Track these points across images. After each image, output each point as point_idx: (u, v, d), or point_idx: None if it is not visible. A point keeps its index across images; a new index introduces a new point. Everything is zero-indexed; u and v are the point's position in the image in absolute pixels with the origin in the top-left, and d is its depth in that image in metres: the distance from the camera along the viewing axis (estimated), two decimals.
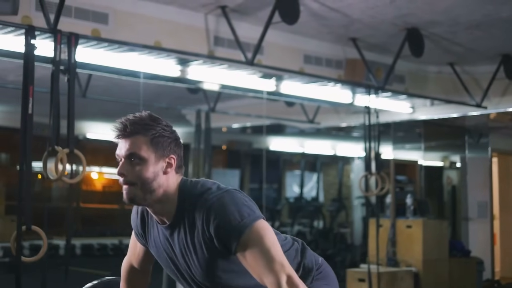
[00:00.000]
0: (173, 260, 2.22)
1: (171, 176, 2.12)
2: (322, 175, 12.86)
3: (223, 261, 2.10)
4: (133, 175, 2.06)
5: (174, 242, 2.16)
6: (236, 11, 5.63)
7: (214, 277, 2.13)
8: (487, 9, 5.52)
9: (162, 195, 2.10)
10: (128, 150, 2.06)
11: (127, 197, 2.08)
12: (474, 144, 9.67)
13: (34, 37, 4.23)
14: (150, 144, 2.07)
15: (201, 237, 2.06)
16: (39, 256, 4.23)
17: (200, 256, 2.10)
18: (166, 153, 2.10)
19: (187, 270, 2.19)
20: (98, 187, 12.08)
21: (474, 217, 9.51)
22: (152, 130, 2.08)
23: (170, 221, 2.14)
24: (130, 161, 2.06)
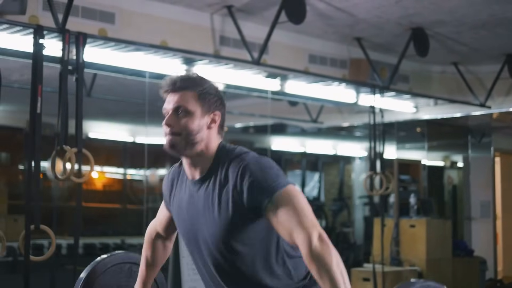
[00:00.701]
0: (191, 221, 2.25)
1: (214, 133, 2.21)
2: (324, 175, 12.86)
3: (242, 225, 2.13)
4: (179, 126, 2.16)
5: (200, 198, 2.20)
6: (242, 10, 5.64)
7: (226, 243, 2.15)
8: (493, 9, 5.54)
9: (202, 149, 2.19)
10: (176, 102, 2.17)
11: (169, 144, 2.17)
12: (477, 144, 9.68)
13: (43, 36, 4.25)
14: (197, 99, 2.18)
15: (231, 193, 2.10)
16: (48, 255, 4.24)
17: (222, 214, 2.13)
18: (212, 109, 2.20)
19: (203, 232, 2.21)
20: (99, 187, 12.06)
21: (477, 217, 9.52)
22: (199, 87, 2.19)
23: (202, 175, 2.20)
24: (177, 114, 2.16)
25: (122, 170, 12.14)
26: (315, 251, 1.93)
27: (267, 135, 8.93)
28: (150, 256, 2.59)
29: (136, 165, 12.04)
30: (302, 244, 1.95)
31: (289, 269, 2.23)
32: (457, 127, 9.52)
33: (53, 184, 9.79)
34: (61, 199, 10.44)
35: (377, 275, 6.66)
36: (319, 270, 1.90)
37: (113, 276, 2.69)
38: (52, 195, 10.05)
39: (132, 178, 12.55)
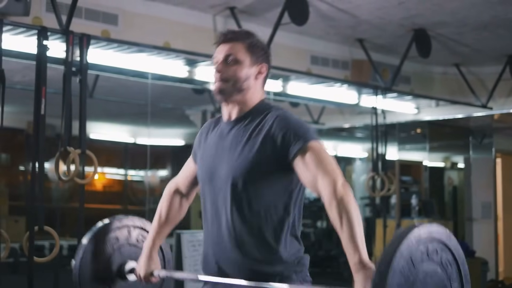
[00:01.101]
0: (214, 158, 2.34)
1: (259, 83, 2.37)
2: None
3: (261, 170, 2.21)
4: (228, 73, 2.30)
5: (229, 137, 2.31)
6: (245, 12, 5.65)
7: (242, 181, 2.22)
8: (495, 10, 5.54)
9: (247, 97, 2.33)
10: (227, 51, 2.31)
11: (218, 88, 2.31)
12: (478, 145, 9.68)
13: (47, 38, 4.25)
14: (246, 49, 2.32)
15: (262, 136, 2.23)
16: (51, 257, 4.25)
17: (246, 152, 2.24)
18: (259, 61, 2.35)
19: (222, 168, 2.28)
20: (99, 187, 12.07)
21: (478, 218, 9.52)
22: (249, 39, 2.35)
23: (240, 116, 2.34)
24: (227, 62, 2.31)
25: (123, 171, 12.15)
26: (338, 193, 2.06)
27: None
28: (164, 211, 2.63)
29: (137, 166, 12.06)
30: (326, 188, 2.08)
31: (286, 246, 2.30)
32: (458, 128, 9.52)
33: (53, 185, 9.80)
34: (61, 200, 10.44)
35: None
36: (340, 212, 2.04)
37: (115, 240, 2.70)
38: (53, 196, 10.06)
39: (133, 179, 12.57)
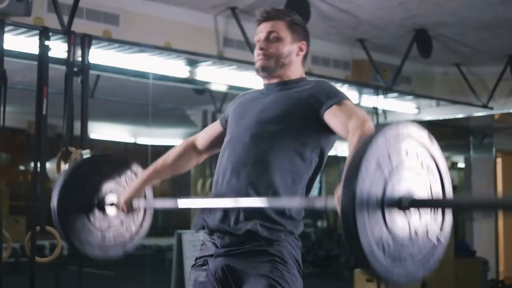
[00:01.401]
0: (247, 110, 2.40)
1: (299, 60, 2.44)
2: (324, 176, 12.87)
3: (296, 115, 2.29)
4: (271, 49, 2.37)
5: (268, 95, 2.39)
6: (246, 12, 5.65)
7: (271, 123, 2.29)
8: (496, 10, 5.55)
9: (288, 72, 2.40)
10: (269, 29, 2.39)
11: (261, 64, 2.39)
12: (478, 145, 9.68)
13: (48, 38, 4.26)
14: (287, 27, 2.40)
15: (301, 92, 2.33)
16: (54, 257, 4.25)
17: (282, 102, 2.32)
18: (300, 38, 2.42)
19: (254, 115, 2.34)
20: None
21: (479, 217, 9.52)
22: (289, 17, 2.42)
23: (280, 81, 2.40)
24: (269, 40, 2.39)
25: None
26: (366, 129, 2.06)
27: None
28: (173, 156, 2.64)
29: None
30: (355, 123, 2.11)
31: None
32: (459, 128, 9.53)
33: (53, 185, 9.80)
34: None
35: None
36: (360, 137, 2.03)
37: (102, 174, 2.69)
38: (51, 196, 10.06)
39: None
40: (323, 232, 11.33)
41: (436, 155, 1.90)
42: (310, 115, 2.27)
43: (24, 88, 6.99)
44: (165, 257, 9.69)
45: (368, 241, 1.66)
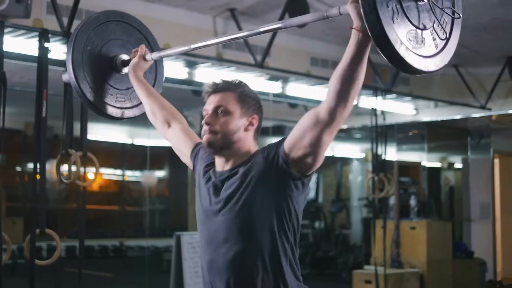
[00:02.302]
0: (208, 206, 2.25)
1: (250, 135, 2.27)
2: (321, 176, 12.88)
3: (259, 212, 2.14)
4: (217, 124, 2.22)
5: (225, 191, 2.21)
6: (245, 13, 5.65)
7: (241, 218, 2.16)
8: (496, 12, 5.55)
9: (238, 149, 2.24)
10: (217, 102, 2.24)
11: (207, 141, 2.22)
12: (476, 146, 9.70)
13: (48, 40, 4.23)
14: (237, 100, 2.24)
15: (259, 169, 2.16)
16: (53, 259, 4.23)
17: (247, 195, 2.15)
18: (250, 112, 2.26)
19: (219, 216, 2.21)
20: (96, 188, 12.06)
21: (477, 218, 9.54)
22: (240, 88, 2.26)
23: (233, 167, 2.24)
24: (217, 113, 2.23)
25: (121, 172, 12.14)
26: None
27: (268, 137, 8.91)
28: (163, 103, 2.66)
29: (135, 167, 12.04)
30: (320, 106, 2.04)
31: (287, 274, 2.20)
32: (457, 129, 9.54)
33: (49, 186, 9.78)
34: (58, 201, 10.43)
35: (379, 277, 6.67)
36: None
37: (107, 33, 2.77)
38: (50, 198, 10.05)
39: (131, 180, 12.55)
40: (321, 233, 11.32)
41: None
42: (276, 181, 2.13)
43: (22, 90, 6.97)
44: (162, 258, 9.68)
45: (393, 34, 1.78)
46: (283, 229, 2.17)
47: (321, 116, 2.04)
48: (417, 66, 1.86)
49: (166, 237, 10.02)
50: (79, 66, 2.66)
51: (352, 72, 1.96)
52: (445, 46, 1.98)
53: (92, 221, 11.50)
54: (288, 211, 2.16)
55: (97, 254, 11.14)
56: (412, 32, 1.86)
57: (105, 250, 11.31)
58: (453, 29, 2.01)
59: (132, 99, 2.80)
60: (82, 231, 4.72)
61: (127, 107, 2.82)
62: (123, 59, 2.78)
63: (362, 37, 1.90)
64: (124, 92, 2.81)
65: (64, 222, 10.05)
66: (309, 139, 2.07)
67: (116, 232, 11.65)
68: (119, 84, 2.79)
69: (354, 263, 9.61)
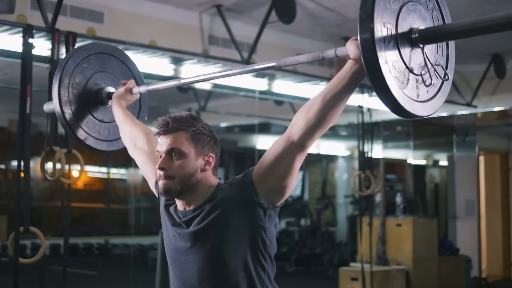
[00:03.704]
0: (176, 249, 2.19)
1: (209, 174, 2.15)
2: (307, 174, 12.88)
3: (230, 249, 2.08)
4: (173, 169, 2.10)
5: (192, 229, 2.13)
6: (231, 10, 5.62)
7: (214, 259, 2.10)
8: (482, 9, 5.56)
9: (196, 191, 2.13)
10: (169, 145, 2.11)
11: (164, 188, 2.11)
12: (461, 143, 9.74)
13: (32, 36, 4.19)
14: (191, 140, 2.12)
15: (226, 205, 2.09)
16: (37, 257, 4.19)
17: (214, 236, 2.08)
18: (206, 151, 2.14)
19: (190, 264, 2.14)
20: (81, 186, 12.00)
21: (462, 215, 9.57)
22: (193, 127, 2.13)
23: (195, 207, 2.15)
24: (171, 156, 2.11)
25: (105, 170, 12.07)
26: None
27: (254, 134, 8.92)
28: (135, 123, 2.62)
29: (120, 164, 11.99)
30: (295, 124, 2.00)
31: None
32: (442, 126, 9.57)
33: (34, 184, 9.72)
34: (43, 199, 10.36)
35: (365, 274, 6.67)
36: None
37: (89, 65, 2.77)
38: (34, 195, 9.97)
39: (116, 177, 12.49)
40: (307, 230, 11.33)
41: None
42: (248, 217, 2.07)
43: (6, 86, 6.90)
44: (148, 256, 9.65)
45: (390, 77, 1.80)
46: (259, 261, 2.11)
47: (296, 143, 2.00)
48: (408, 109, 1.88)
49: (151, 235, 9.99)
50: (65, 101, 2.65)
51: (340, 101, 1.95)
52: (435, 94, 1.99)
53: (77, 219, 11.44)
54: (263, 243, 2.09)
55: (82, 252, 11.08)
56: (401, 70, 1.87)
57: (90, 248, 11.25)
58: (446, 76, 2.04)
59: (117, 130, 2.74)
60: (67, 228, 4.69)
61: (115, 139, 2.81)
62: (109, 91, 2.76)
63: (358, 69, 1.89)
64: (109, 124, 2.80)
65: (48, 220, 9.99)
66: (282, 167, 2.03)
67: (101, 230, 11.59)
68: (104, 116, 2.78)
69: (340, 261, 9.62)
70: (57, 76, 2.66)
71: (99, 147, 2.77)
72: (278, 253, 2.32)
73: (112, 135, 2.81)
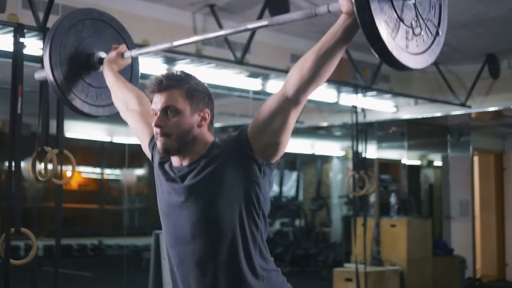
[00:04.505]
0: (172, 205, 2.20)
1: (204, 129, 2.18)
2: (302, 174, 12.87)
3: (225, 203, 2.09)
4: (169, 126, 2.12)
5: (187, 184, 2.15)
6: (225, 9, 5.60)
7: (208, 210, 2.12)
8: (476, 8, 5.54)
9: (194, 147, 2.15)
10: (164, 103, 2.12)
11: (163, 148, 2.14)
12: (456, 143, 9.73)
13: (23, 35, 4.14)
14: (185, 97, 2.13)
15: (222, 160, 2.11)
16: (28, 259, 4.15)
17: (208, 189, 2.10)
18: (201, 107, 2.16)
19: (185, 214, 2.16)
20: (74, 187, 11.95)
21: (456, 216, 9.57)
22: (187, 84, 2.14)
23: (192, 161, 2.16)
24: (166, 114, 2.13)
25: (99, 170, 12.03)
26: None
27: None
28: (126, 86, 2.62)
29: (114, 165, 11.94)
30: (289, 79, 2.04)
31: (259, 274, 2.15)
32: (437, 126, 9.56)
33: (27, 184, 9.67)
34: (37, 199, 10.31)
35: (360, 275, 6.65)
36: None
37: (80, 31, 2.77)
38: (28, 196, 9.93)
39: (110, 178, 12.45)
40: (301, 231, 11.31)
41: None
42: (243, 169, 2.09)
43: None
44: (142, 257, 9.61)
45: (380, 22, 1.84)
46: (252, 217, 2.12)
47: (290, 97, 2.03)
48: (396, 55, 1.90)
49: (145, 235, 9.95)
50: (56, 65, 2.66)
51: (333, 55, 1.98)
52: (425, 50, 2.02)
53: (70, 219, 11.40)
54: (257, 199, 2.12)
55: (75, 253, 11.04)
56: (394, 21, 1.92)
57: (84, 249, 11.21)
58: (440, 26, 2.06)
59: (107, 98, 2.77)
60: (59, 229, 4.65)
61: (102, 105, 2.82)
62: (100, 56, 2.76)
63: (351, 23, 1.92)
64: (100, 90, 2.80)
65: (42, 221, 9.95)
66: (276, 122, 2.06)
67: (95, 231, 11.55)
68: (95, 82, 2.78)
69: (334, 261, 9.61)
70: (52, 31, 2.67)
71: (85, 110, 2.78)
72: (272, 254, 2.31)
73: (100, 101, 2.82)
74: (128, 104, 2.53)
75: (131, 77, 2.89)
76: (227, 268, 2.10)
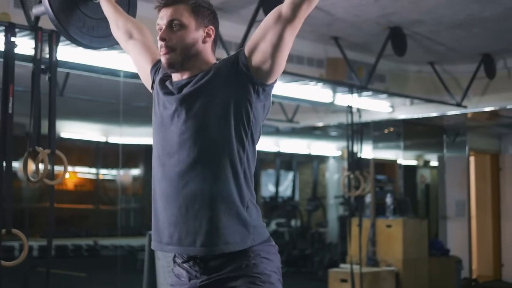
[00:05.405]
0: (168, 116, 2.19)
1: (208, 47, 2.21)
2: (298, 174, 12.84)
3: (214, 115, 2.11)
4: (174, 40, 2.15)
5: (181, 93, 2.16)
6: (219, 9, 5.55)
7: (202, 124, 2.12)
8: (472, 8, 5.52)
9: (197, 63, 2.18)
10: (170, 16, 2.16)
11: (167, 62, 2.16)
12: (451, 143, 9.71)
13: (15, 34, 4.11)
14: (190, 11, 2.16)
15: (218, 73, 2.12)
16: (19, 260, 4.12)
17: (200, 99, 2.12)
18: (206, 23, 2.20)
19: (180, 122, 2.15)
20: (70, 187, 11.92)
21: (452, 216, 9.55)
22: (192, 0, 2.18)
23: (193, 75, 2.18)
24: (171, 28, 2.16)
25: (94, 170, 11.99)
26: None
27: None
28: (126, 18, 2.60)
29: (109, 165, 11.91)
30: (283, 4, 2.07)
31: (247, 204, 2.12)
32: (433, 127, 9.54)
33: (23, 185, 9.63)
34: (32, 199, 10.27)
35: (355, 276, 6.62)
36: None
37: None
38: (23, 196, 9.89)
39: (105, 178, 12.41)
40: (297, 231, 11.28)
41: None
42: (236, 85, 2.11)
43: None
44: (137, 257, 9.58)
45: None
46: (240, 135, 2.11)
47: (284, 13, 2.06)
48: None
49: (140, 236, 9.91)
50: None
51: None
52: None
53: (65, 220, 11.36)
54: (247, 117, 2.12)
55: (70, 254, 11.00)
56: None
57: (79, 249, 11.17)
58: None
59: (104, 29, 2.77)
60: (51, 229, 4.61)
61: (99, 36, 2.84)
62: None
63: None
64: (96, 21, 2.81)
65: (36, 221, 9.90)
66: (271, 38, 2.08)
67: (90, 231, 11.51)
68: (92, 13, 2.79)
69: (330, 262, 9.58)
70: None
71: (81, 40, 2.81)
72: None
73: (96, 34, 2.84)
74: (132, 33, 2.53)
75: (129, 8, 2.89)
76: (211, 180, 2.09)
